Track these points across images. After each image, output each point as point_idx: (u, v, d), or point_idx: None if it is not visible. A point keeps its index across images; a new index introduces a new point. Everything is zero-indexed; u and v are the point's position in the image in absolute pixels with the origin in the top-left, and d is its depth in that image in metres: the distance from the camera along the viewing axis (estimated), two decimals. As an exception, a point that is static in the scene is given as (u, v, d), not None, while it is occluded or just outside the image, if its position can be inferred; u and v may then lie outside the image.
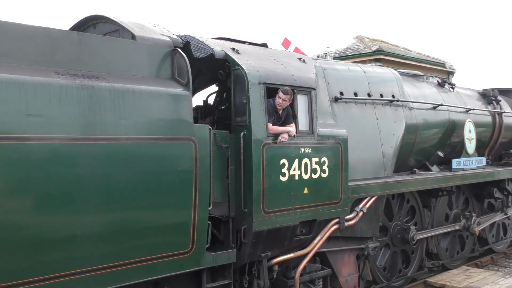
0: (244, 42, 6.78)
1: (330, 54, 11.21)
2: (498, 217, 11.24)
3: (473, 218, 10.09)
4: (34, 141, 4.20)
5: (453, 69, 25.22)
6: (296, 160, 6.18)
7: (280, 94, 5.98)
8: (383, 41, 24.31)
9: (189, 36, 5.88)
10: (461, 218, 10.04)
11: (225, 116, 6.59)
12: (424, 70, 21.97)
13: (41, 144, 4.24)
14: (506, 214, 11.41)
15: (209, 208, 5.35)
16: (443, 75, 23.23)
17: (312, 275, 6.76)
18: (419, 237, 8.79)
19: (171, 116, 5.08)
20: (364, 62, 20.24)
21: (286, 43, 15.72)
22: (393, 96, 8.35)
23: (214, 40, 6.41)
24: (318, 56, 9.67)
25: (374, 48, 21.38)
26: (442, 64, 24.36)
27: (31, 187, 4.19)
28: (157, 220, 4.96)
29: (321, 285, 7.19)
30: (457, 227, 9.94)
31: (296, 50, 14.94)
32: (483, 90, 11.79)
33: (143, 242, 4.84)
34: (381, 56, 20.94)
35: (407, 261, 8.93)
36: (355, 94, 7.68)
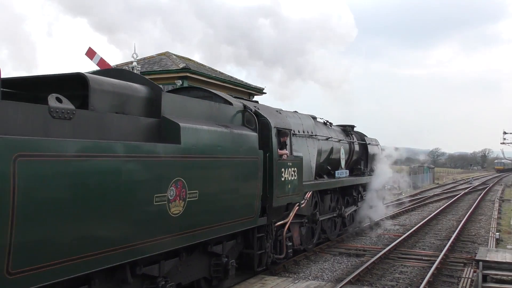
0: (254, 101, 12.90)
1: (138, 68, 14.62)
2: (353, 208, 18.09)
3: (343, 208, 16.69)
4: (221, 158, 8.81)
5: (259, 90, 26.31)
6: (288, 169, 11.29)
7: (284, 136, 11.29)
8: (190, 60, 24.54)
9: (243, 99, 11.81)
10: (336, 209, 16.42)
11: None
12: (227, 90, 22.92)
13: (221, 160, 8.81)
14: (357, 206, 18.43)
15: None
16: (245, 95, 24.59)
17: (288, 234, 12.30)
18: (321, 219, 14.75)
19: (251, 145, 9.79)
20: (171, 78, 21.08)
21: (90, 53, 16.16)
22: (312, 133, 14.34)
23: (247, 101, 12.19)
24: (125, 67, 13.55)
25: (181, 66, 21.41)
26: (245, 86, 25.28)
27: (230, 175, 9.05)
28: (236, 197, 9.32)
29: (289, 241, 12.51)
30: (335, 214, 16.27)
31: (102, 61, 15.56)
32: (341, 126, 18.37)
33: (229, 214, 9.13)
34: (188, 74, 21.08)
35: (313, 233, 14.78)
36: (299, 131, 13.44)
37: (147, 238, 6.87)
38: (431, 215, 24.69)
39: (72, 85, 6.92)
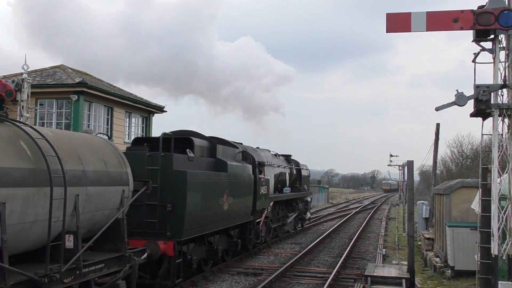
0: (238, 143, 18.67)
1: (28, 80, 14.27)
2: (294, 215, 25.72)
3: (289, 215, 24.65)
4: (239, 180, 16.51)
5: (160, 108, 26.52)
6: (263, 186, 18.55)
7: (261, 166, 18.91)
8: (87, 74, 23.86)
9: (242, 145, 18.83)
10: (284, 216, 23.88)
11: None
12: (126, 107, 23.71)
13: (240, 181, 16.53)
14: (296, 212, 25.99)
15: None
16: (145, 113, 25.85)
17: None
18: (275, 225, 22.35)
19: (248, 173, 17.33)
20: (66, 93, 20.29)
21: None
22: (271, 162, 21.60)
23: (235, 143, 18.02)
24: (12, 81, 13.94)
25: (77, 80, 20.63)
26: (145, 103, 25.37)
27: (242, 189, 16.58)
28: (242, 203, 16.38)
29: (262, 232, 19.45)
30: (289, 216, 24.82)
31: None
32: (284, 155, 25.35)
33: (236, 214, 15.98)
34: (84, 89, 20.42)
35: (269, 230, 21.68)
36: (265, 162, 20.15)
37: (218, 220, 14.34)
38: (325, 234, 25.79)
39: (183, 141, 13.86)
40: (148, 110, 26.11)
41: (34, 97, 20.59)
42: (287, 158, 25.63)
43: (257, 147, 21.03)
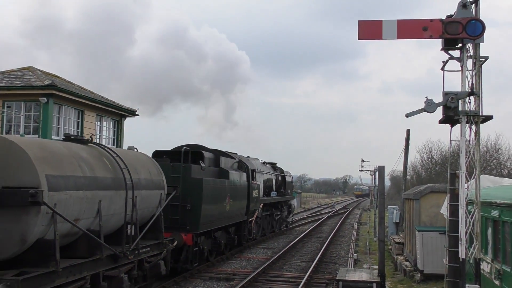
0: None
1: None
2: (279, 216, 28.95)
3: (275, 216, 27.99)
4: (237, 186, 19.76)
5: (131, 112, 26.05)
6: (255, 190, 21.96)
7: (253, 173, 22.11)
8: (57, 76, 23.28)
9: (237, 155, 22.08)
10: (271, 217, 27.20)
11: None
12: (97, 110, 23.26)
13: (237, 186, 19.87)
14: (279, 214, 29.29)
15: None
16: (116, 117, 25.30)
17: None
18: (264, 224, 25.62)
19: (244, 179, 20.79)
20: (34, 95, 19.75)
21: None
22: (260, 170, 24.48)
23: (230, 153, 21.12)
24: None
25: (46, 82, 20.01)
26: (116, 107, 24.91)
27: (239, 193, 19.93)
28: (238, 204, 19.72)
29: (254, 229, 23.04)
30: (272, 220, 27.82)
31: None
32: (270, 163, 28.45)
33: (234, 214, 19.34)
34: (54, 92, 19.82)
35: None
36: (257, 169, 23.44)
37: (221, 218, 17.48)
38: (298, 238, 25.90)
39: (195, 154, 17.03)
40: (119, 113, 25.69)
41: (1, 99, 20.08)
42: (273, 165, 29.03)
43: (248, 156, 23.88)
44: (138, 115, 27.22)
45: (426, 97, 8.74)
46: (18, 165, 7.96)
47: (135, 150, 12.90)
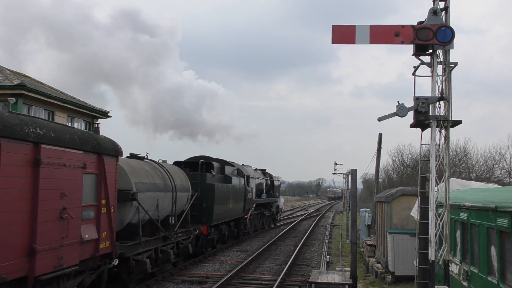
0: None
1: None
2: (268, 214, 34.22)
3: (265, 214, 33.29)
4: (237, 189, 25.22)
5: (104, 113, 25.99)
6: (249, 193, 26.92)
7: (248, 178, 27.03)
8: (26, 76, 22.96)
9: (235, 163, 25.98)
10: (262, 215, 31.99)
11: None
12: (68, 111, 23.03)
13: (237, 189, 25.04)
14: (268, 214, 34.00)
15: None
16: (88, 118, 25.18)
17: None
18: (255, 221, 30.30)
19: (242, 183, 25.47)
20: (3, 95, 19.29)
21: None
22: (253, 176, 28.59)
23: (230, 162, 25.56)
24: None
25: (15, 82, 19.71)
26: (88, 108, 24.79)
27: (238, 195, 24.89)
28: (238, 204, 24.38)
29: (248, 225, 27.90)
30: (262, 218, 32.86)
31: None
32: (260, 169, 33.02)
33: (235, 212, 24.21)
34: (23, 92, 19.60)
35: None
36: (251, 175, 27.96)
37: (226, 215, 22.51)
38: (271, 241, 25.95)
39: (207, 164, 22.02)
40: (91, 114, 25.39)
41: (-32, 99, 19.55)
42: (263, 171, 33.96)
43: (243, 164, 28.02)
44: (110, 116, 26.89)
45: (398, 102, 8.89)
46: (120, 176, 12.04)
47: (166, 162, 17.54)
